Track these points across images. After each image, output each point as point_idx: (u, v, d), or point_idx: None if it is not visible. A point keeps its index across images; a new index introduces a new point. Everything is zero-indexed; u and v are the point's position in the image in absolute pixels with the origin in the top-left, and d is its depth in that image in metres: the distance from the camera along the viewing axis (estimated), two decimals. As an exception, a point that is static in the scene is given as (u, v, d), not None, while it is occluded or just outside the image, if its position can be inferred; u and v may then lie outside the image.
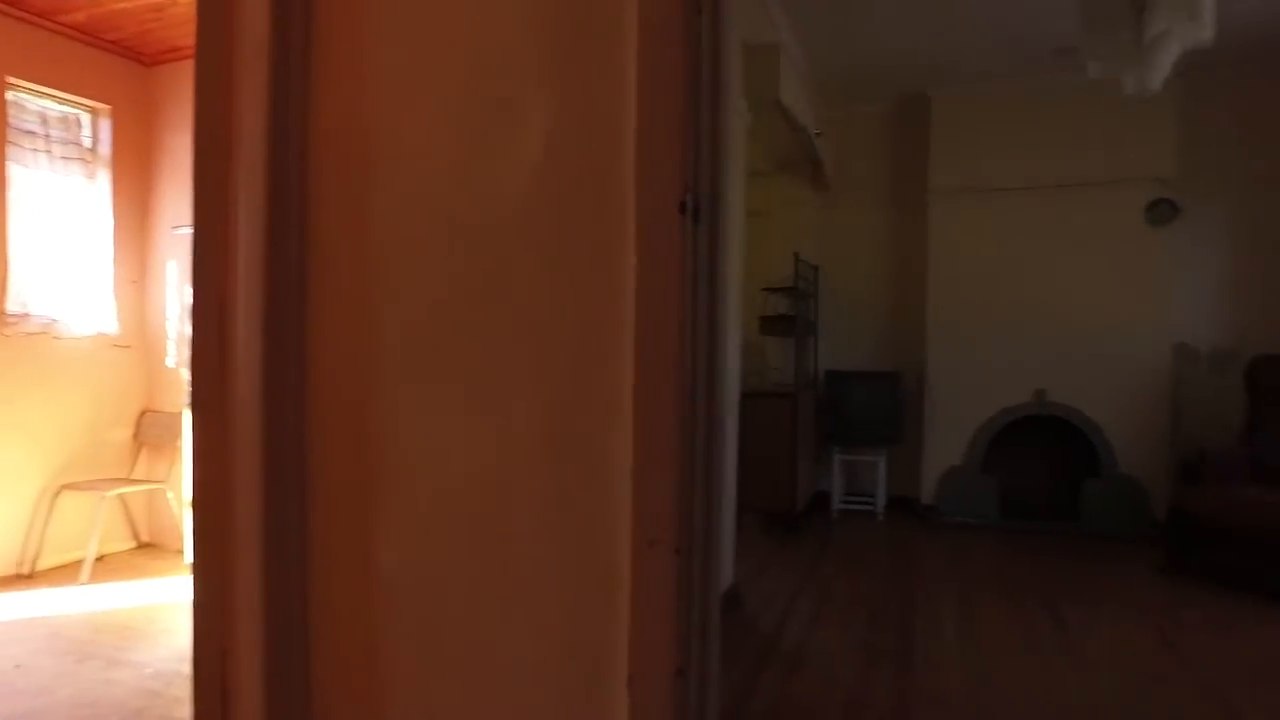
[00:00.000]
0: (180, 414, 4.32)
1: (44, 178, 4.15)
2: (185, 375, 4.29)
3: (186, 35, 3.93)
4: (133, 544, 4.59)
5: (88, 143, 4.39)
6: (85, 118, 4.38)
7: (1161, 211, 5.17)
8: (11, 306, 3.95)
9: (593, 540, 1.21)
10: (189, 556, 1.62)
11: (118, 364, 4.52)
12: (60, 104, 4.23)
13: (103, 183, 4.44)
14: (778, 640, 3.33)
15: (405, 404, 1.30)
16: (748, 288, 5.51)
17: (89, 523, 4.04)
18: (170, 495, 4.49)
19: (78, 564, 4.02)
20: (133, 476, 4.49)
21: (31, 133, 4.09)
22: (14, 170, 3.97)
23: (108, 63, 4.39)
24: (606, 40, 1.15)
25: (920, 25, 4.60)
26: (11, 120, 3.98)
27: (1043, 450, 5.84)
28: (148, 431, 4.54)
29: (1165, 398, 5.23)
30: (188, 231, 1.34)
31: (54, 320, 4.16)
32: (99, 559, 4.15)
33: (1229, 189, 5.32)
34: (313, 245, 1.31)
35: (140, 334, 4.64)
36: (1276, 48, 4.89)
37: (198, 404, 1.27)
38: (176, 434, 4.36)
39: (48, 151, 4.15)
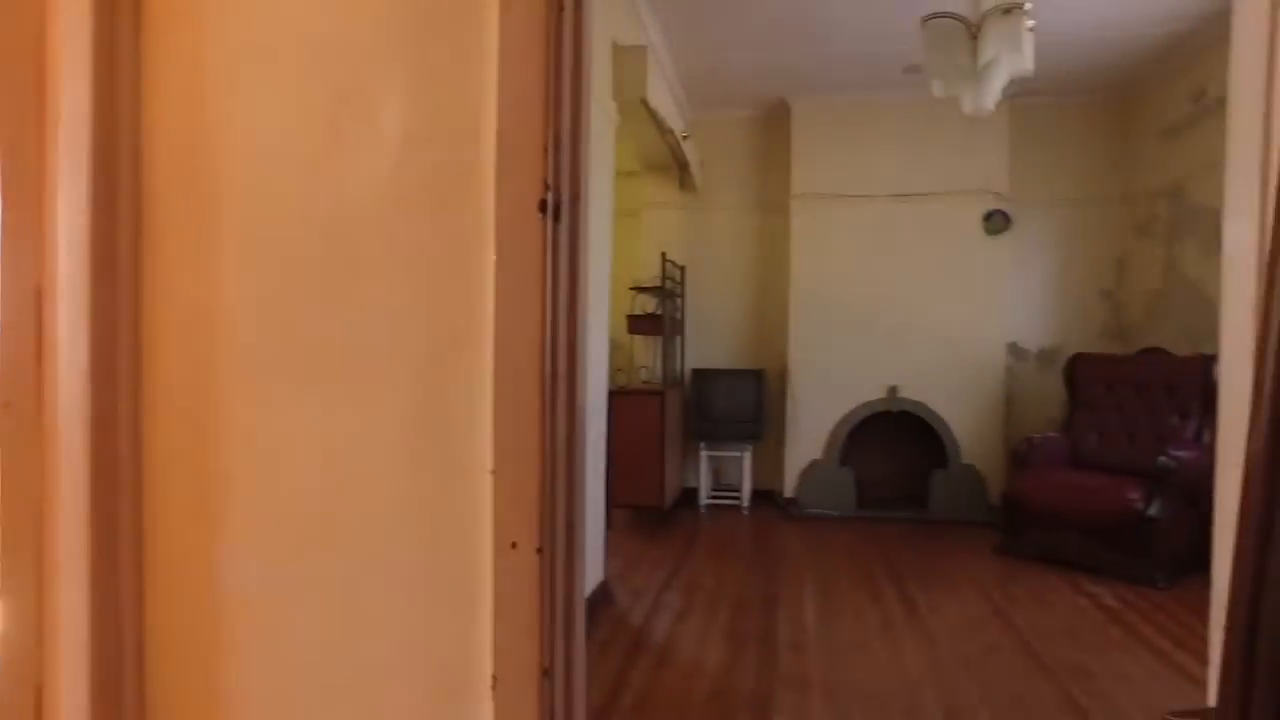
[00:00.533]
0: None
1: None
2: None
3: None
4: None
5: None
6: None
7: (996, 222, 5.62)
8: None
9: (453, 542, 1.19)
10: None
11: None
12: None
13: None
14: (648, 633, 3.38)
15: (254, 405, 1.24)
16: (616, 287, 5.57)
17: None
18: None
19: None
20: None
21: None
22: None
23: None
24: (466, 33, 1.13)
25: (782, 37, 4.79)
26: None
27: (896, 443, 6.22)
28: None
29: (1000, 393, 5.69)
30: (-5, 218, 1.21)
31: None
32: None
33: (1050, 205, 5.85)
34: (148, 234, 1.22)
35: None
36: (1082, 86, 5.44)
37: (6, 406, 1.15)
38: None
39: None
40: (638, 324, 5.36)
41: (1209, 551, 4.06)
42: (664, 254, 5.36)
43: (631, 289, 5.36)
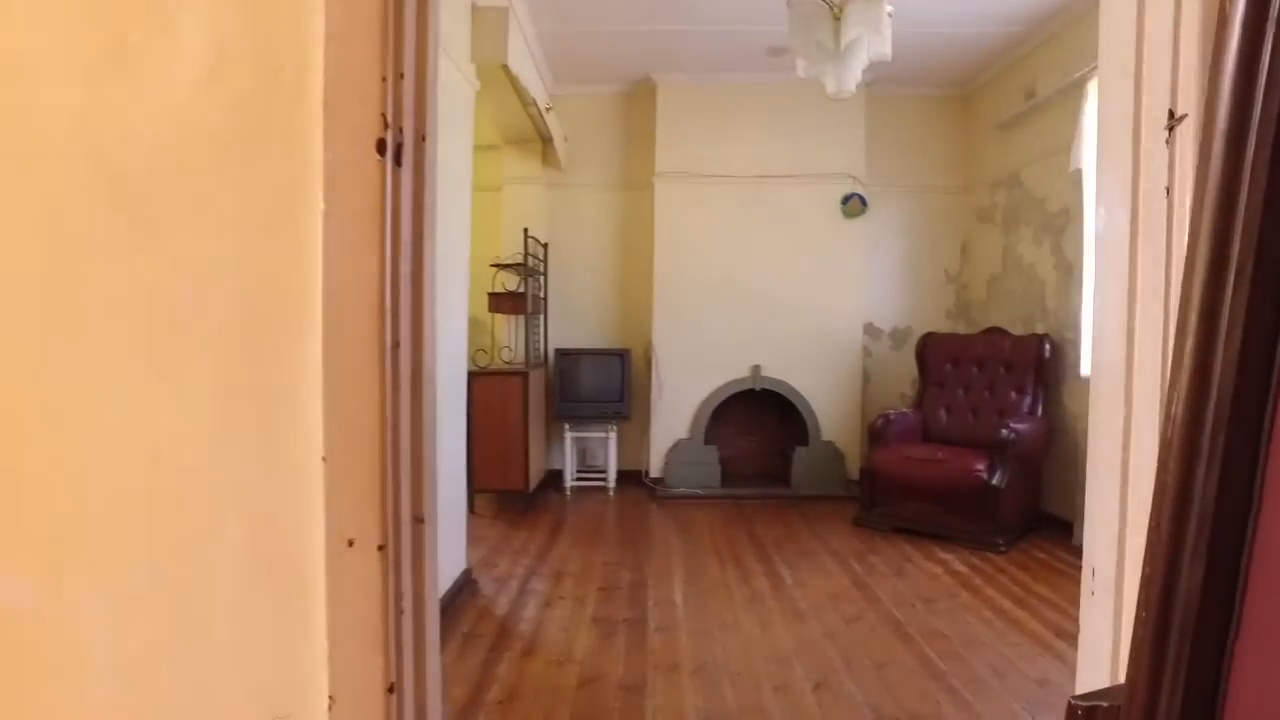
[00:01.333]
0: None
1: None
2: None
3: None
4: None
5: None
6: None
7: (853, 205, 5.80)
8: None
9: (278, 541, 1.01)
10: None
11: None
12: None
13: None
14: (514, 622, 3.24)
15: (25, 387, 1.00)
16: (476, 263, 5.33)
17: None
18: None
19: None
20: None
21: None
22: None
23: None
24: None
25: (648, 11, 4.69)
26: None
27: (759, 421, 6.35)
28: None
29: (857, 372, 5.90)
30: None
31: None
32: None
33: (903, 191, 6.10)
34: None
35: None
36: (932, 79, 5.69)
37: None
38: None
39: None
40: (499, 302, 5.15)
41: (1038, 514, 4.36)
42: (526, 230, 5.17)
43: (492, 265, 5.14)
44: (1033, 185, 5.08)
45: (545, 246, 5.91)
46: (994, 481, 4.20)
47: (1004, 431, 4.23)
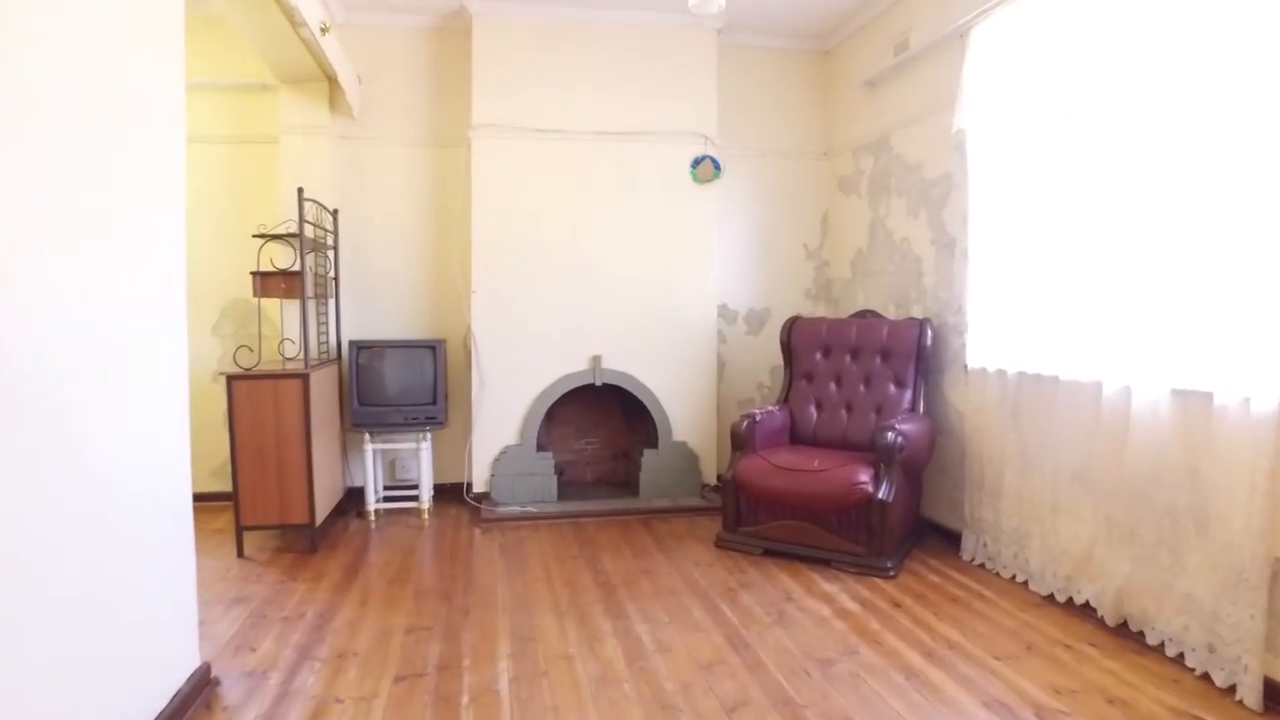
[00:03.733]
0: None
1: None
2: None
3: None
4: None
5: None
6: None
7: (705, 169, 5.02)
8: None
9: None
10: None
11: None
12: None
13: None
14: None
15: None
16: (241, 233, 4.06)
17: None
18: None
19: None
20: None
21: None
22: None
23: None
24: None
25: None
26: None
27: (600, 422, 5.49)
28: None
29: (711, 361, 5.16)
30: None
31: None
32: None
33: (758, 156, 5.41)
34: None
35: None
36: (790, 29, 5.00)
37: None
38: None
39: None
40: (268, 284, 3.93)
41: (918, 522, 3.64)
42: (301, 191, 3.95)
43: (256, 236, 3.90)
44: (905, 150, 4.50)
45: (335, 214, 4.70)
46: (881, 495, 3.57)
47: (890, 435, 3.59)
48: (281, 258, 4.19)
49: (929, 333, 4.06)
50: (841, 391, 4.30)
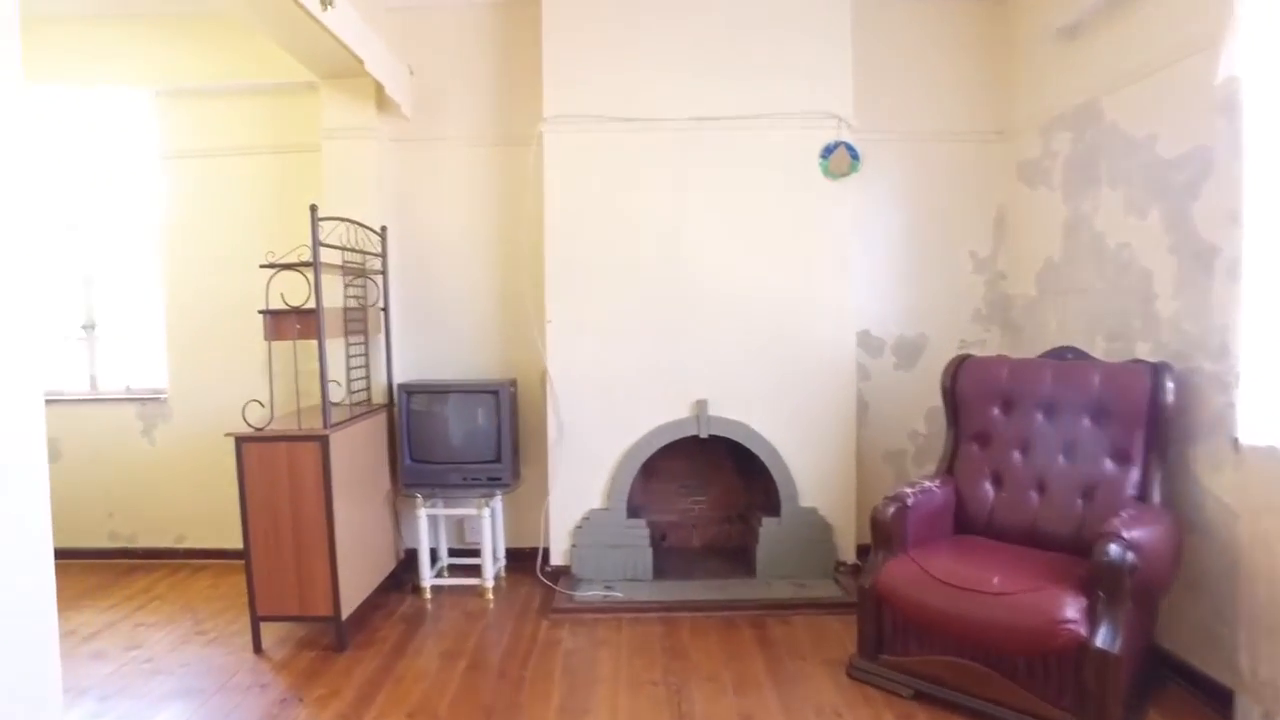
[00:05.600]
0: None
1: None
2: None
3: None
4: None
5: None
6: None
7: (839, 159, 3.89)
8: None
9: None
10: None
11: None
12: None
13: None
14: None
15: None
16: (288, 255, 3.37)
17: None
18: None
19: None
20: None
21: None
22: None
23: None
24: None
25: None
26: None
27: (709, 477, 4.47)
28: None
29: (849, 404, 4.01)
30: None
31: None
32: None
33: (908, 139, 4.20)
34: None
35: None
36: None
37: None
38: None
39: None
40: (281, 325, 3.20)
41: (1155, 660, 2.17)
42: (314, 209, 3.18)
43: (265, 267, 3.18)
44: (1126, 119, 3.18)
45: (383, 233, 3.96)
46: (1100, 642, 2.34)
47: (1115, 549, 2.36)
48: (283, 292, 3.46)
49: (1168, 384, 2.75)
50: (1031, 463, 3.06)
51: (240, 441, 3.19)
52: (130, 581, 4.19)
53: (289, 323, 3.19)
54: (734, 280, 3.94)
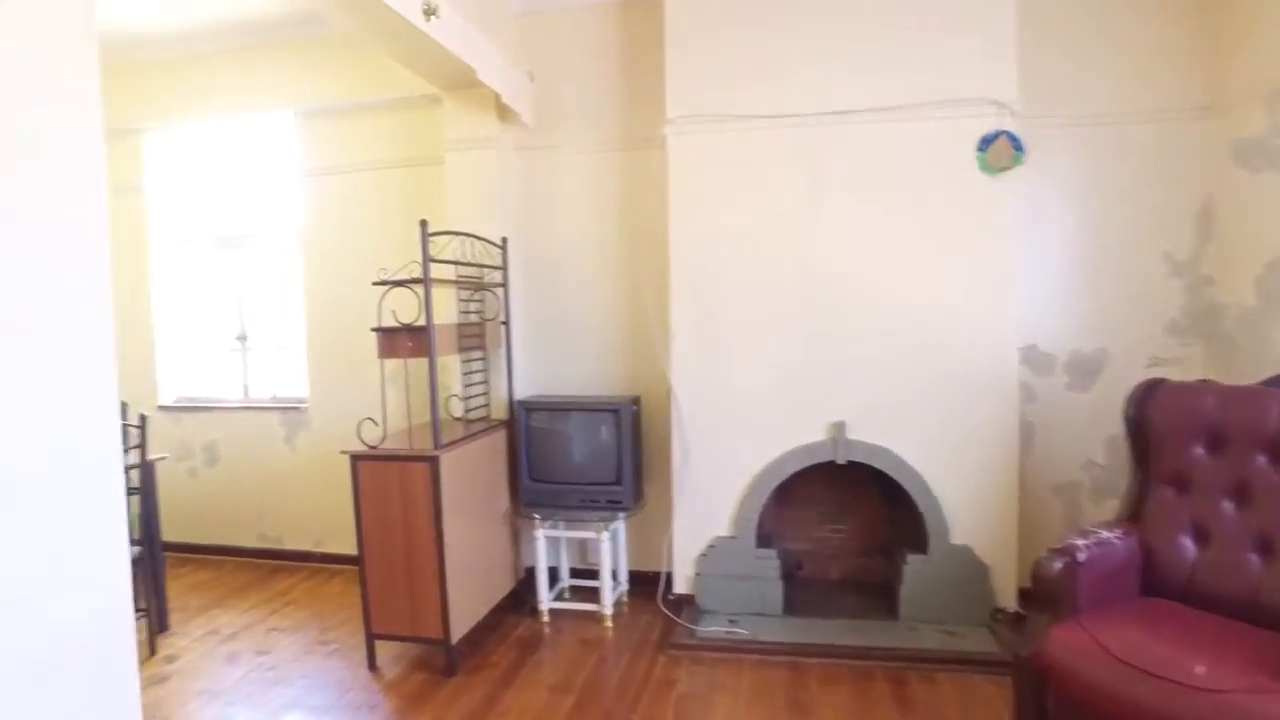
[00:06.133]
0: None
1: None
2: None
3: None
4: None
5: None
6: None
7: (999, 151, 3.39)
8: None
9: None
10: None
11: None
12: None
13: None
14: None
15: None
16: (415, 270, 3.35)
17: None
18: None
19: None
20: None
21: None
22: None
23: None
24: None
25: None
26: None
27: (848, 506, 4.07)
28: None
29: (1010, 429, 3.50)
30: None
31: None
32: None
33: (1084, 122, 3.61)
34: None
35: None
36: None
37: None
38: None
39: None
40: (394, 342, 3.16)
41: None
42: (424, 224, 3.10)
43: (376, 284, 3.15)
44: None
45: (504, 245, 3.87)
46: (1350, 764, 1.80)
47: (1371, 643, 1.80)
48: (394, 308, 3.40)
49: None
50: (1249, 518, 2.48)
51: (355, 459, 3.18)
52: (274, 582, 4.36)
53: (401, 340, 3.14)
54: (876, 290, 3.54)
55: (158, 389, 4.80)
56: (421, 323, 3.10)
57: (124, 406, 3.73)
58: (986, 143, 3.40)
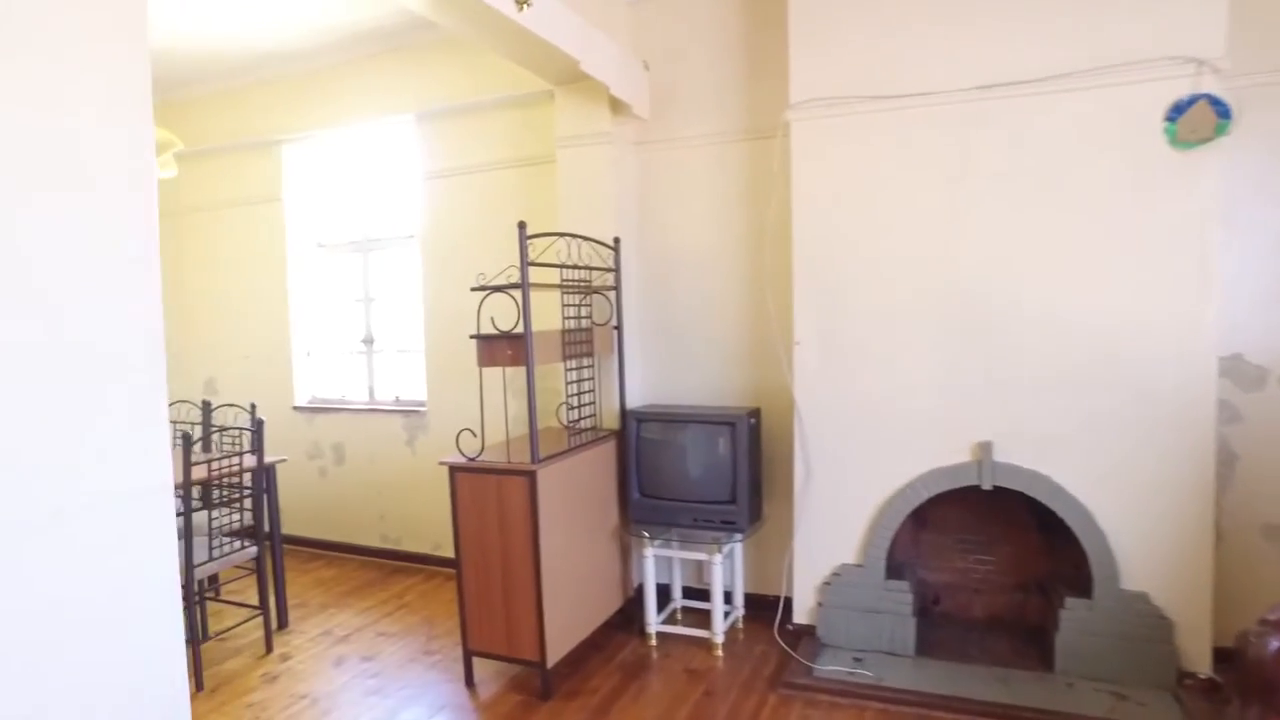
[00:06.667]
0: None
1: None
2: None
3: None
4: None
5: None
6: None
7: (1195, 120, 2.81)
8: None
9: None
10: None
11: None
12: None
13: None
14: None
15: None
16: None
17: None
18: None
19: None
20: None
21: None
22: None
23: None
24: None
25: None
26: None
27: (994, 537, 3.57)
28: None
29: (1205, 453, 2.91)
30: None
31: None
32: None
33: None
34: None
35: None
36: None
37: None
38: None
39: None
40: (493, 350, 3.02)
41: None
42: (522, 226, 2.95)
43: (475, 290, 3.02)
44: None
45: (616, 245, 3.67)
46: None
47: None
48: (493, 315, 3.24)
49: None
50: None
51: (453, 470, 3.08)
52: (392, 583, 4.40)
53: (500, 348, 3.00)
54: (1034, 292, 3.05)
55: (294, 390, 4.99)
56: (520, 330, 2.95)
57: (253, 409, 3.85)
58: (1179, 110, 2.83)
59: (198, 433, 4.04)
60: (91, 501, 1.44)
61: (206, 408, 4.14)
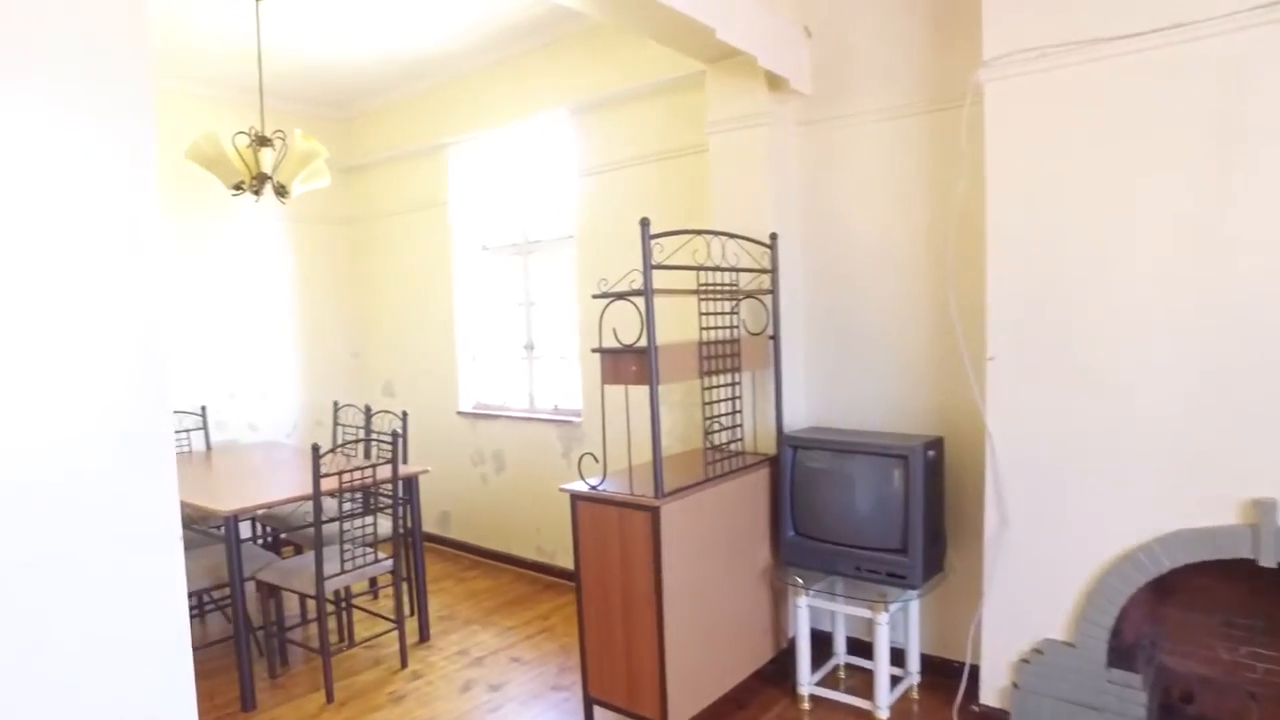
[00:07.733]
0: None
1: None
2: None
3: None
4: None
5: None
6: None
7: None
8: None
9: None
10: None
11: None
12: None
13: None
14: None
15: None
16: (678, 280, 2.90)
17: None
18: None
19: None
20: None
21: None
22: None
23: None
24: None
25: None
26: None
27: (1265, 630, 2.67)
28: None
29: None
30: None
31: None
32: None
33: None
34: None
35: None
36: None
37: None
38: None
39: None
40: (619, 366, 2.66)
41: None
42: (645, 223, 2.55)
43: (596, 297, 2.68)
44: None
45: (773, 241, 3.18)
46: None
47: None
48: (617, 327, 2.84)
49: None
50: None
51: (574, 498, 2.78)
52: (540, 601, 4.22)
53: (625, 364, 2.65)
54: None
55: (459, 395, 4.98)
56: (644, 343, 2.58)
57: (404, 417, 3.81)
58: None
59: (340, 437, 4.14)
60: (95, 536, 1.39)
61: (368, 413, 4.18)
